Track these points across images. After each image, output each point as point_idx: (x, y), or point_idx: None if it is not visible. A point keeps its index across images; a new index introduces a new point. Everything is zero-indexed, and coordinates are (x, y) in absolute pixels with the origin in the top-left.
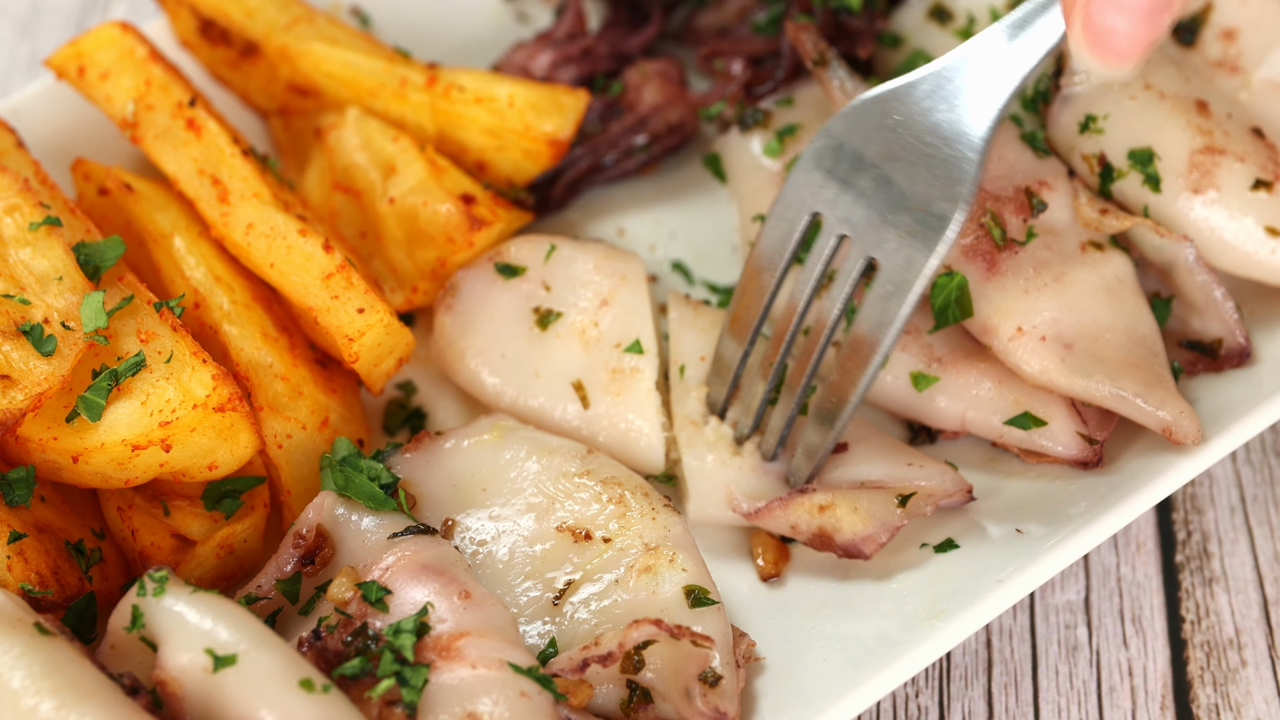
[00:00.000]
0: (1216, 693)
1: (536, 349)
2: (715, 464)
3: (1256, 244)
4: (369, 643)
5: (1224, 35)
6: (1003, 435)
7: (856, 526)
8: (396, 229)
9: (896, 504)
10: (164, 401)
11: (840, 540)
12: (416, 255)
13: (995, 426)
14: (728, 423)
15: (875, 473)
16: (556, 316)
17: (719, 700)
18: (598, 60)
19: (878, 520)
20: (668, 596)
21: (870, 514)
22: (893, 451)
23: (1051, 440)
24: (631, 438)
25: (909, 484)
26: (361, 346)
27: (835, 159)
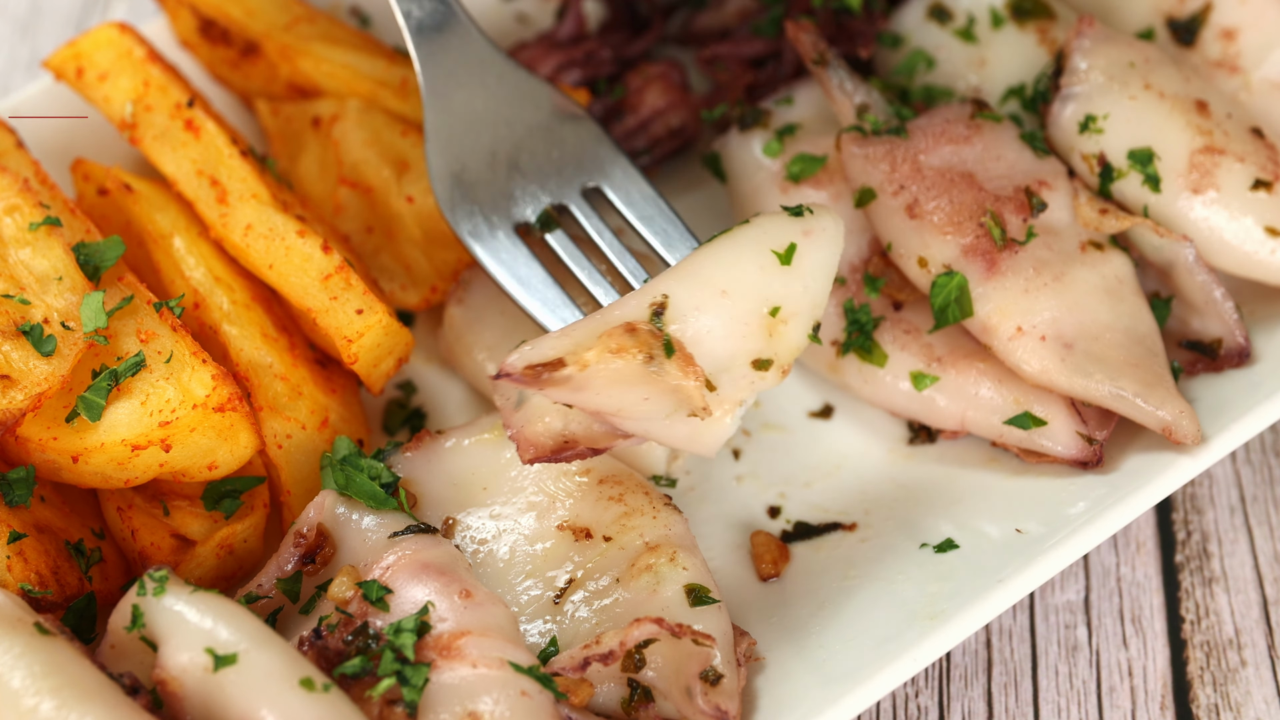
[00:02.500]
0: (1216, 693)
1: None
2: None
3: (1256, 244)
4: (370, 642)
5: (1224, 35)
6: (1003, 435)
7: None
8: (414, 227)
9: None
10: (164, 401)
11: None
12: (435, 255)
13: (995, 426)
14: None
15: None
16: None
17: (720, 699)
18: (601, 64)
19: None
20: (669, 595)
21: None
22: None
23: (1051, 440)
24: None
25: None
26: (361, 347)
27: (468, 187)
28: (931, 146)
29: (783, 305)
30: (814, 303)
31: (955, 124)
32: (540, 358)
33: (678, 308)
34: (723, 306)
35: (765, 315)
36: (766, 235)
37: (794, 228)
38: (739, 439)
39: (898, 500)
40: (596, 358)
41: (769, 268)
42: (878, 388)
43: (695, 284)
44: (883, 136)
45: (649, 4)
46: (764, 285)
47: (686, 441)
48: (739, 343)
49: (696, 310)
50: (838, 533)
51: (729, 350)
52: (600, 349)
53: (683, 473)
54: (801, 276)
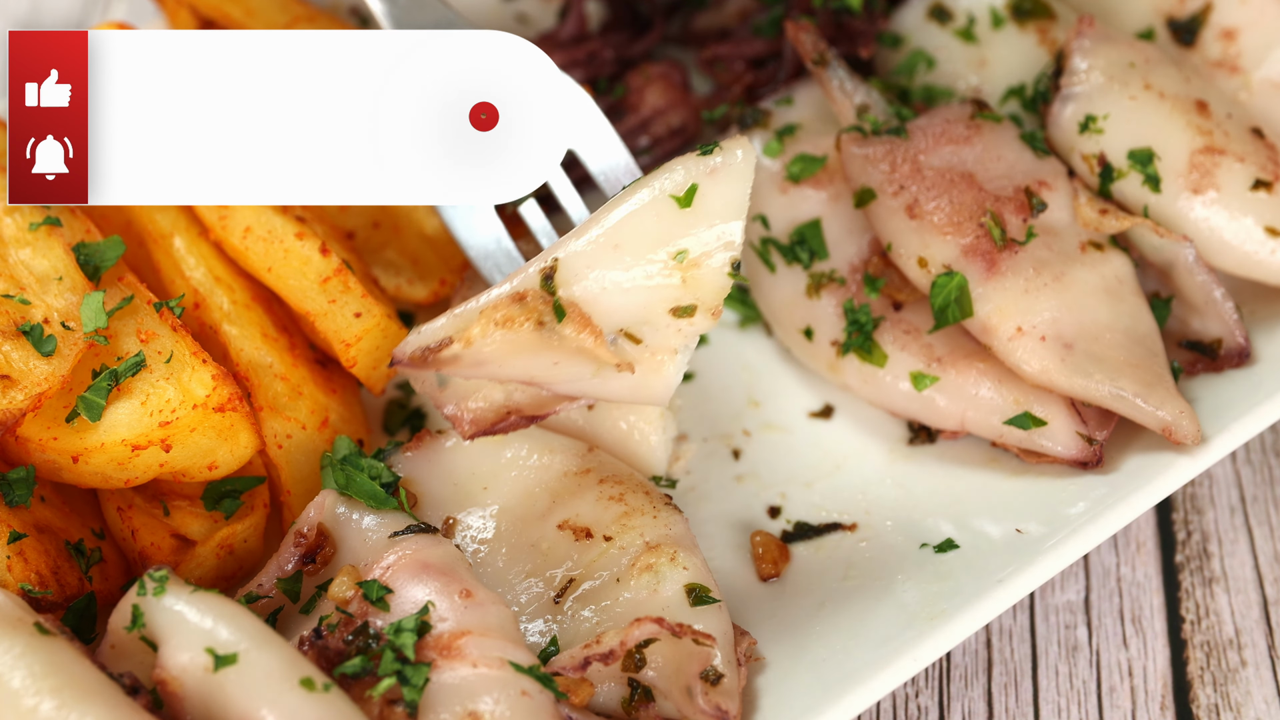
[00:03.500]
0: (1216, 693)
1: None
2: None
3: (1256, 244)
4: (370, 641)
5: (1224, 35)
6: (1002, 435)
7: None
8: (423, 221)
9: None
10: (164, 401)
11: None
12: (443, 248)
13: (995, 426)
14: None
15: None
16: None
17: (720, 698)
18: (603, 64)
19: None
20: (669, 595)
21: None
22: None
23: (1051, 440)
24: (634, 440)
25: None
26: (359, 351)
27: None
28: (931, 147)
29: (689, 248)
30: (725, 239)
31: (955, 124)
32: (427, 340)
33: (569, 270)
34: (617, 259)
35: (670, 261)
36: (665, 181)
37: (698, 168)
38: (739, 439)
39: (898, 500)
40: (481, 333)
41: (666, 213)
42: (878, 388)
43: (586, 244)
44: (883, 137)
45: (650, 4)
46: (662, 232)
47: (632, 393)
48: (647, 293)
49: (589, 268)
50: (838, 533)
51: (638, 302)
52: (484, 323)
53: (683, 473)
54: (706, 215)
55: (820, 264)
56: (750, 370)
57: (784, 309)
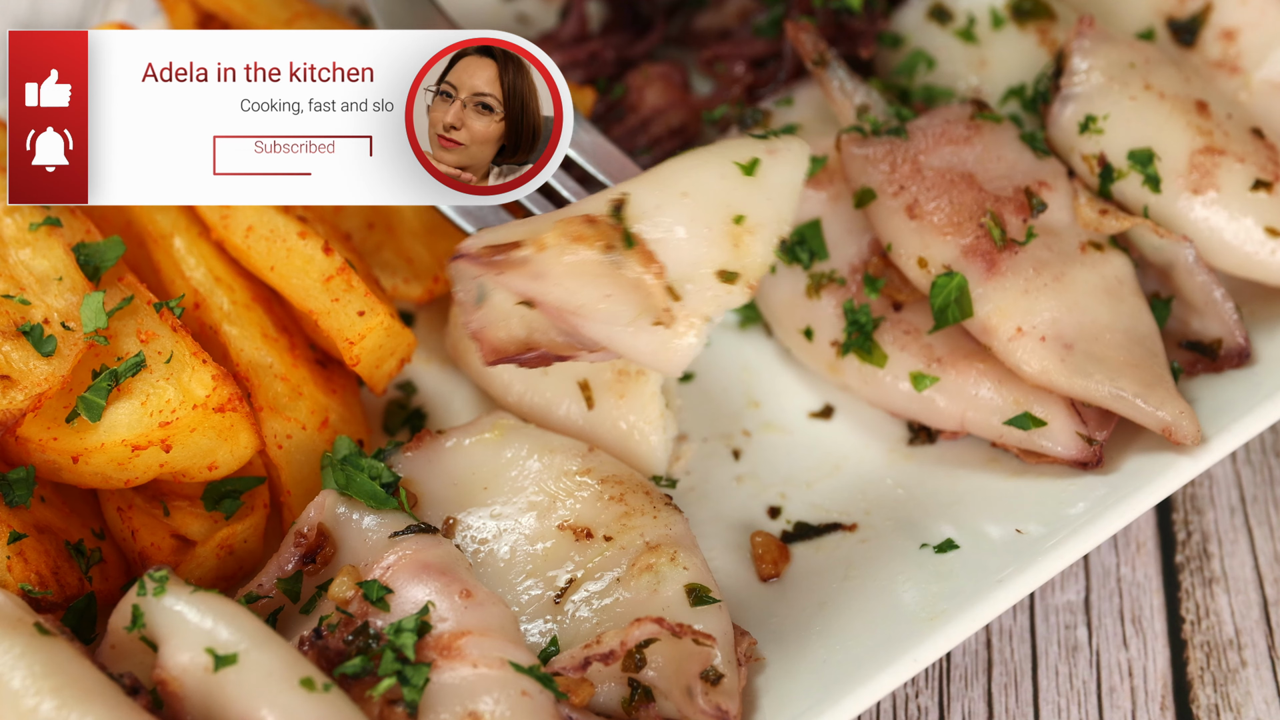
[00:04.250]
0: (1216, 693)
1: None
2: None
3: (1256, 244)
4: (370, 642)
5: (1224, 35)
6: (1002, 435)
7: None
8: (413, 219)
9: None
10: (164, 402)
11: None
12: (436, 245)
13: (995, 426)
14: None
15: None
16: None
17: (721, 698)
18: (603, 65)
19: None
20: (669, 595)
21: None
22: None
23: (1051, 440)
24: (634, 440)
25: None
26: (363, 349)
27: None
28: (931, 147)
29: (747, 214)
30: (779, 217)
31: (955, 124)
32: (499, 238)
33: (638, 205)
34: (684, 207)
35: (729, 222)
36: (729, 150)
37: (758, 146)
38: (739, 439)
39: (898, 500)
40: (554, 240)
41: (731, 176)
42: (878, 388)
43: (656, 185)
44: (883, 137)
45: (650, 4)
46: (726, 192)
47: (651, 356)
48: (703, 248)
49: (657, 209)
50: (838, 533)
51: (693, 256)
52: (559, 233)
53: (683, 473)
54: (764, 188)
55: (820, 264)
56: (750, 370)
57: (784, 309)
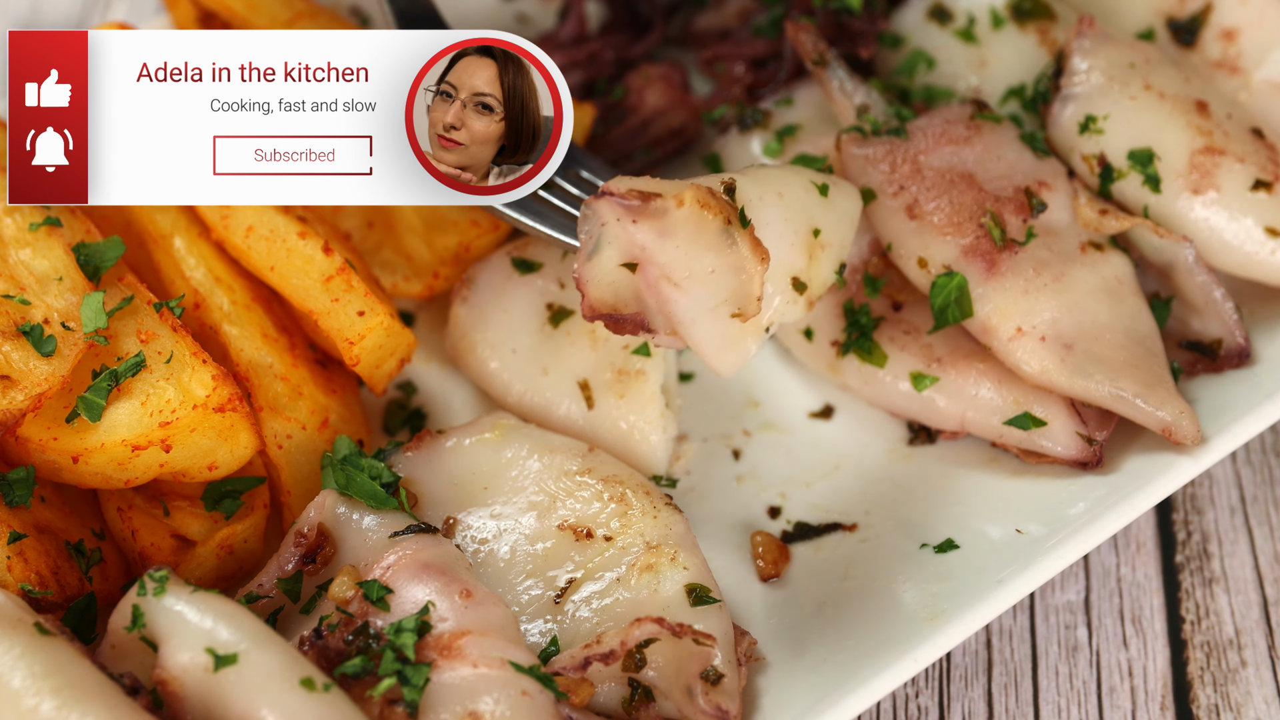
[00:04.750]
0: (1216, 693)
1: (547, 346)
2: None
3: (1256, 244)
4: (370, 641)
5: (1224, 35)
6: (1002, 435)
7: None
8: (413, 216)
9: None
10: (164, 402)
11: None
12: (436, 242)
13: (995, 427)
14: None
15: None
16: (568, 314)
17: (721, 698)
18: (603, 65)
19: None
20: (669, 595)
21: None
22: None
23: (1051, 440)
24: (634, 439)
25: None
26: (362, 349)
27: None
28: (931, 147)
29: (824, 229)
30: (843, 242)
31: (955, 124)
32: (646, 186)
33: (744, 193)
34: (778, 207)
35: (809, 233)
36: (803, 169)
37: (821, 175)
38: (739, 439)
39: (898, 500)
40: (690, 199)
41: (812, 191)
42: (877, 388)
43: (756, 180)
44: (883, 137)
45: (650, 5)
46: (810, 204)
47: (714, 350)
48: (787, 251)
49: (760, 201)
50: (838, 533)
51: (778, 254)
52: (693, 195)
53: (683, 473)
54: (835, 211)
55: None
56: (750, 370)
57: None
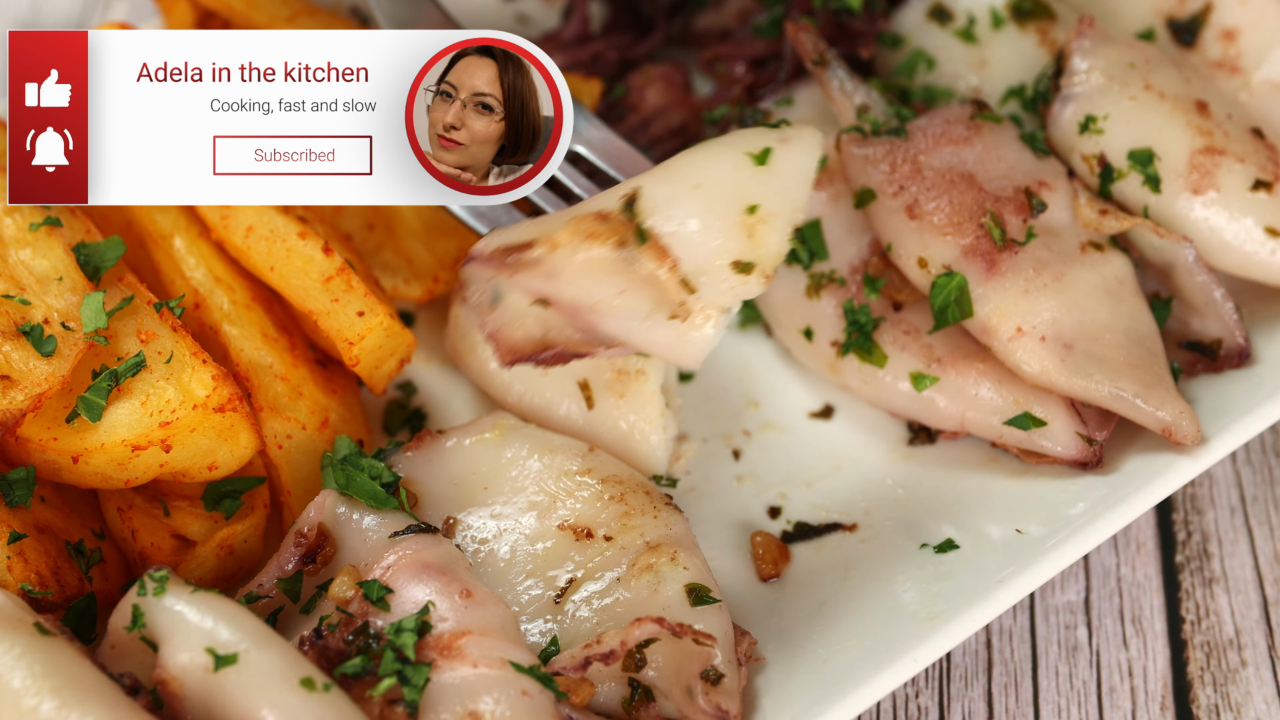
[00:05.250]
0: (1216, 693)
1: None
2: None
3: (1256, 245)
4: (370, 641)
5: (1224, 36)
6: (1002, 435)
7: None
8: (414, 219)
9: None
10: (164, 402)
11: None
12: (436, 245)
13: (995, 427)
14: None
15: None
16: None
17: (721, 698)
18: (606, 66)
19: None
20: (669, 595)
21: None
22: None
23: (1051, 440)
24: (634, 439)
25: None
26: (362, 350)
27: None
28: (931, 147)
29: (760, 204)
30: (793, 204)
31: (955, 125)
32: (511, 239)
33: (650, 199)
34: (696, 199)
35: (743, 213)
36: (741, 140)
37: (770, 135)
38: (739, 439)
39: (898, 500)
40: (567, 238)
41: (744, 166)
42: (878, 388)
43: (668, 178)
44: (883, 137)
45: (651, 5)
46: (739, 182)
47: (668, 349)
48: (717, 240)
49: (670, 202)
50: (838, 533)
51: (707, 247)
52: (571, 232)
53: (683, 473)
54: (777, 177)
55: (820, 264)
56: (750, 370)
57: (784, 309)
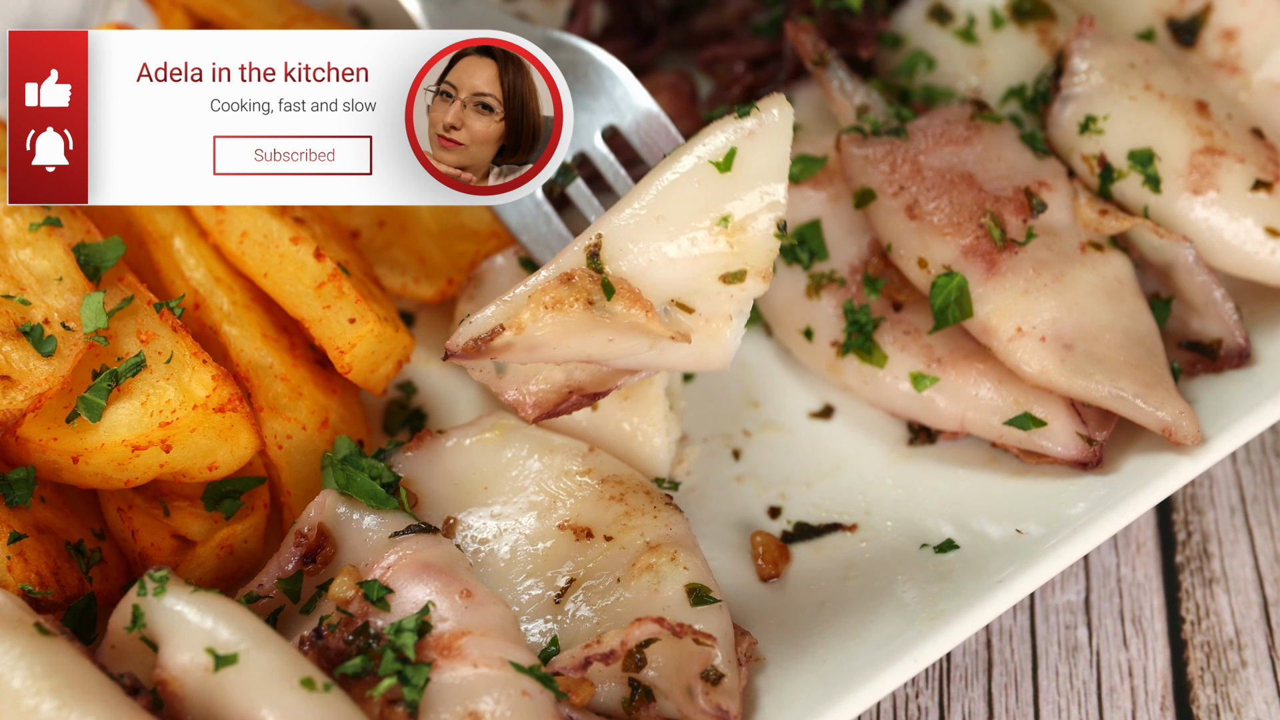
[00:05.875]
0: (1216, 693)
1: None
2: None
3: (1256, 245)
4: (370, 641)
5: (1224, 36)
6: (1002, 436)
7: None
8: (430, 220)
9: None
10: (164, 402)
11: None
12: (451, 248)
13: (995, 427)
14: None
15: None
16: None
17: (721, 698)
18: None
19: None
20: (669, 595)
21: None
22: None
23: (1051, 440)
24: (638, 442)
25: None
26: (354, 357)
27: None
28: (931, 147)
29: (733, 212)
30: (769, 200)
31: (955, 125)
32: (478, 330)
33: (613, 245)
34: (661, 230)
35: (715, 227)
36: (703, 147)
37: (735, 132)
38: (739, 439)
39: (898, 500)
40: (531, 317)
41: (707, 179)
42: (877, 388)
43: (629, 218)
44: (882, 137)
45: (651, 8)
46: (704, 199)
47: (692, 362)
48: (695, 262)
49: (634, 242)
50: (838, 533)
51: (686, 272)
52: (534, 307)
53: (684, 473)
54: (747, 178)
55: (820, 264)
56: (750, 370)
57: (784, 309)
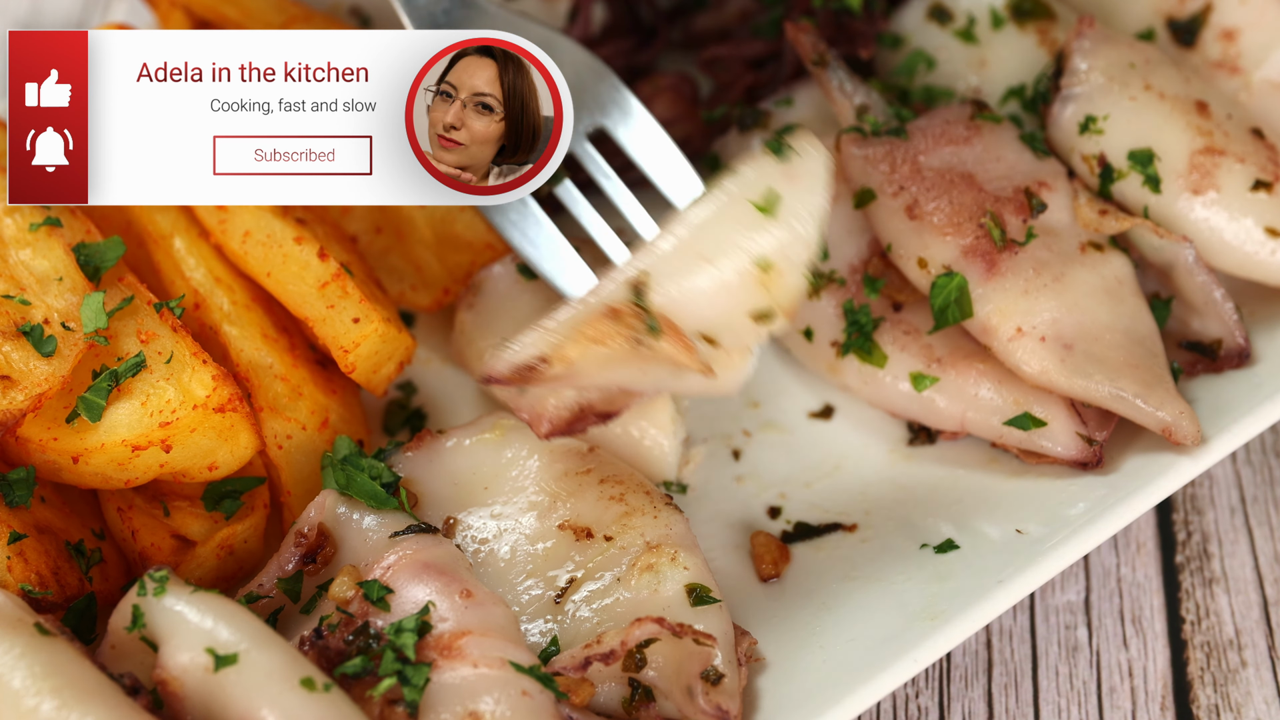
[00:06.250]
0: (1216, 693)
1: None
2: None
3: (1256, 245)
4: (370, 641)
5: (1224, 35)
6: (1002, 436)
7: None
8: (426, 229)
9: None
10: (164, 402)
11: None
12: (448, 258)
13: (995, 427)
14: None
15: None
16: None
17: (721, 698)
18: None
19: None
20: (670, 595)
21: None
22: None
23: (1051, 441)
24: (645, 445)
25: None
26: (358, 357)
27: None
28: (931, 147)
29: (774, 260)
30: (806, 246)
31: (955, 125)
32: (524, 359)
33: (660, 288)
34: (706, 273)
35: (754, 271)
36: (745, 185)
37: (775, 172)
38: (739, 439)
39: (898, 501)
40: (579, 354)
41: (751, 223)
42: (877, 388)
43: (673, 255)
44: (882, 137)
45: (651, 8)
46: (748, 243)
47: (704, 389)
48: (732, 303)
49: (673, 279)
50: (838, 533)
51: (722, 309)
52: (582, 343)
53: (689, 474)
54: (788, 224)
55: (820, 264)
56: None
57: None
